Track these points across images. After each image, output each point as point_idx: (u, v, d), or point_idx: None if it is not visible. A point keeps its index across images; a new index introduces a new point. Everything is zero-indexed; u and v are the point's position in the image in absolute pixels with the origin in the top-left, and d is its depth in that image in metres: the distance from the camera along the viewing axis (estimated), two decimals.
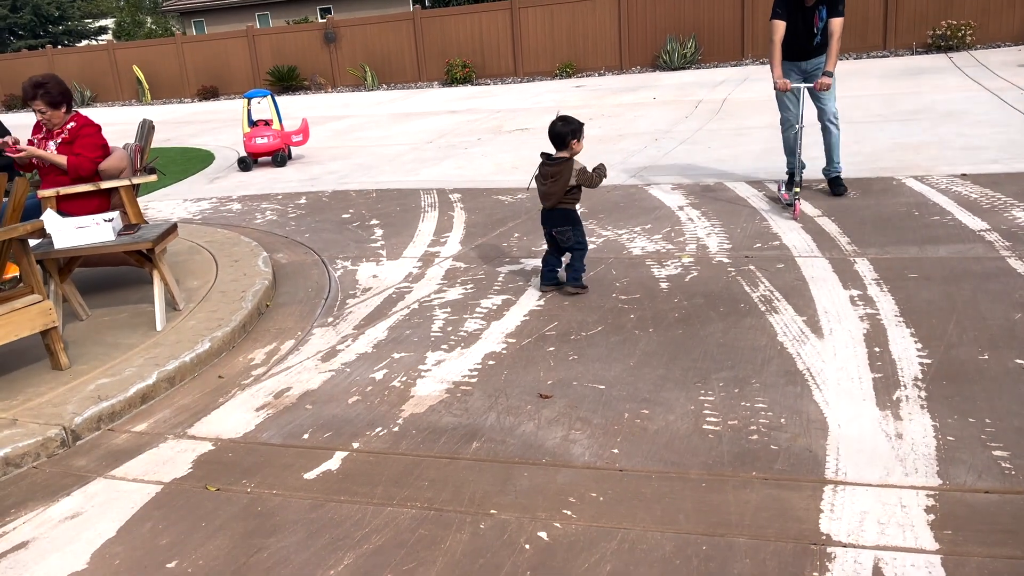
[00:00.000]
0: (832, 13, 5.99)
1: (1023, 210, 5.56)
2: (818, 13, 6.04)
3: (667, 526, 2.69)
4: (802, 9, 6.04)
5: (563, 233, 4.90)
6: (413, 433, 3.46)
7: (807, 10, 6.03)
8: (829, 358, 3.75)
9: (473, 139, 11.35)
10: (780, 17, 6.14)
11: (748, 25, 18.53)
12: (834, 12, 5.99)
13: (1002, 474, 2.78)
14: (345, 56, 22.39)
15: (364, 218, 7.29)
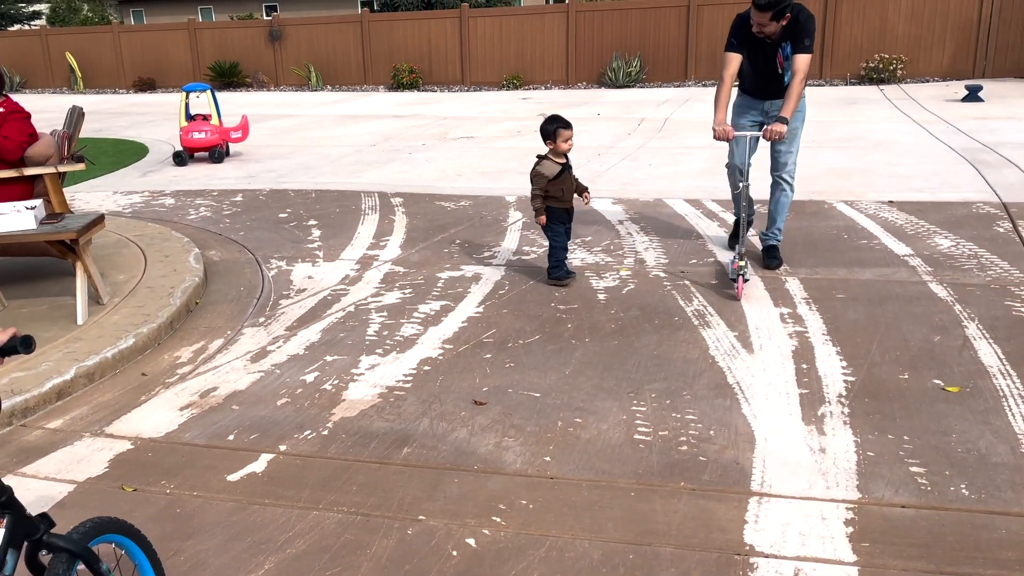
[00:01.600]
0: (798, 49, 4.91)
1: (945, 237, 5.78)
2: (781, 51, 5.03)
3: (595, 534, 2.69)
4: (762, 45, 5.02)
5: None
6: (343, 437, 3.40)
7: (768, 46, 5.02)
8: (758, 373, 3.83)
9: (418, 144, 11.30)
10: (734, 49, 5.05)
11: (692, 47, 18.90)
12: (800, 47, 4.91)
13: (918, 490, 2.87)
14: (290, 55, 22.08)
15: (302, 218, 7.18)
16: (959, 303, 4.56)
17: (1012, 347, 3.97)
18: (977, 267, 5.14)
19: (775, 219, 5.43)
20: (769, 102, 5.26)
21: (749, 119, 5.34)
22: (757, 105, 5.30)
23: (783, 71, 5.05)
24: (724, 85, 5.02)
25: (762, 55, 5.05)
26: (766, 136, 4.89)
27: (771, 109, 5.26)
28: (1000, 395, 3.51)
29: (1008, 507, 2.75)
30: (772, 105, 5.25)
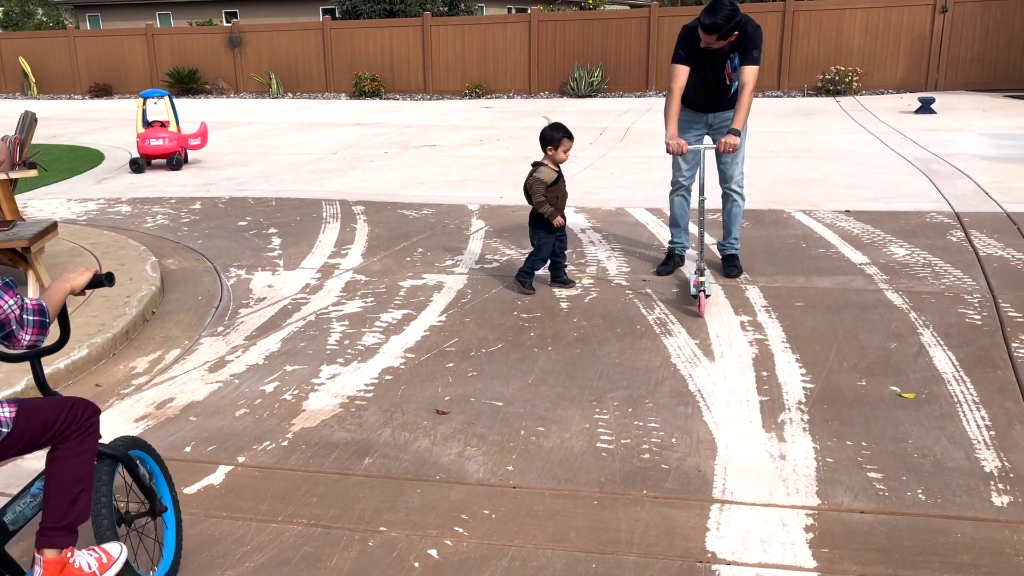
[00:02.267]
0: (746, 60, 4.85)
1: (900, 246, 5.90)
2: (729, 62, 4.95)
3: (558, 543, 2.68)
4: (710, 56, 4.93)
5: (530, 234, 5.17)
6: (303, 448, 3.35)
7: (716, 58, 4.93)
8: (719, 380, 3.86)
9: (380, 152, 11.24)
10: (682, 61, 4.97)
11: (653, 58, 19.11)
12: (748, 59, 4.85)
13: (876, 495, 2.91)
14: (250, 62, 21.86)
15: (262, 226, 7.09)
16: (914, 311, 4.65)
17: (965, 354, 4.05)
18: (931, 275, 5.25)
19: (730, 229, 5.45)
20: (713, 115, 5.22)
21: (694, 133, 5.26)
22: (701, 119, 5.24)
23: (730, 83, 5.01)
24: (674, 98, 4.98)
25: (710, 67, 4.99)
26: (720, 149, 4.84)
27: (715, 122, 5.23)
28: (955, 401, 3.58)
29: (963, 511, 2.79)
30: (716, 118, 5.21)
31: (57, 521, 2.07)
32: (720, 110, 5.19)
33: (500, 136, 12.64)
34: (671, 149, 4.89)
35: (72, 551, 2.10)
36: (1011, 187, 7.68)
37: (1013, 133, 11.24)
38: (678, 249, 5.59)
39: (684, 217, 5.55)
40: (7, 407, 2.02)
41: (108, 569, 2.14)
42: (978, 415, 3.45)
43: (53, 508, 2.07)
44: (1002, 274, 5.21)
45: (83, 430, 2.15)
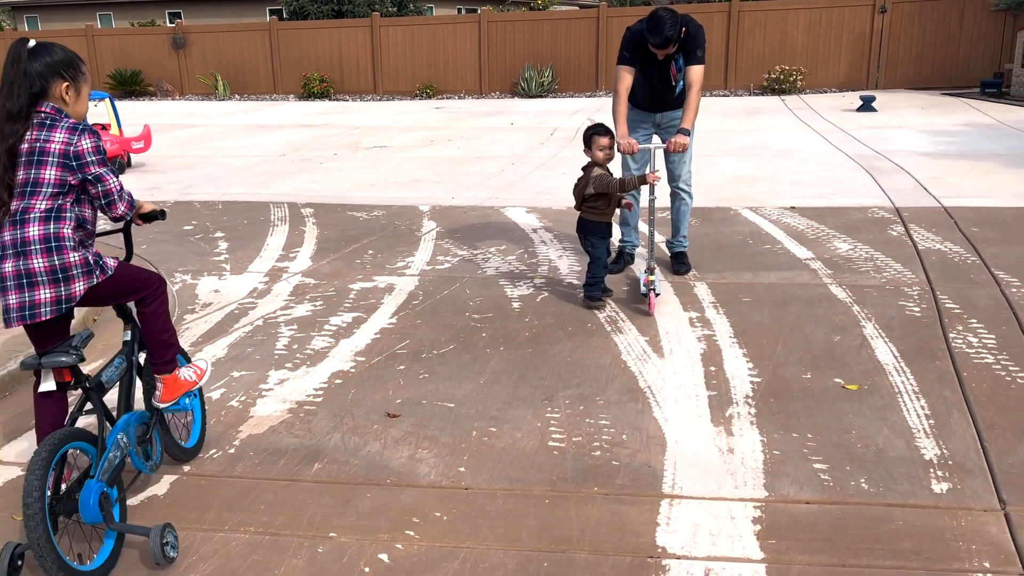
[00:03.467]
0: (690, 60, 4.89)
1: (843, 241, 6.03)
2: (674, 63, 4.98)
3: (510, 543, 2.68)
4: (655, 57, 4.95)
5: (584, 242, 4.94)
6: (251, 455, 3.30)
7: (661, 60, 4.96)
8: (669, 376, 3.89)
9: (329, 154, 11.13)
10: (626, 63, 5.02)
11: (603, 58, 19.25)
12: (692, 59, 4.88)
13: (821, 486, 2.96)
14: (195, 63, 21.48)
15: (208, 230, 6.96)
16: (857, 304, 4.75)
17: (906, 345, 4.15)
18: (873, 269, 5.37)
19: (679, 227, 5.49)
20: (660, 114, 5.25)
21: (642, 132, 5.27)
22: (648, 118, 5.26)
23: (676, 83, 5.05)
24: (620, 99, 5.02)
25: (655, 68, 5.01)
26: (671, 149, 4.86)
27: (663, 121, 5.26)
28: (896, 391, 3.67)
29: (904, 499, 2.86)
30: (664, 117, 5.25)
31: (161, 358, 2.94)
32: (668, 109, 5.22)
33: (451, 136, 12.61)
34: (622, 148, 4.86)
35: (178, 370, 3.01)
36: (948, 182, 7.91)
37: (950, 130, 11.58)
38: (628, 248, 5.59)
39: (634, 216, 5.55)
40: (111, 259, 2.74)
41: (203, 377, 3.12)
42: (918, 404, 3.54)
43: (155, 352, 2.93)
44: (940, 267, 5.36)
45: (158, 295, 2.89)
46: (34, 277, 2.54)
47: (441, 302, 5.02)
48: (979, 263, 5.41)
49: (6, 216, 2.54)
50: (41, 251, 2.54)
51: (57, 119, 2.60)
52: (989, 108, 13.98)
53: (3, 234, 2.55)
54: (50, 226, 2.56)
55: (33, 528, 2.30)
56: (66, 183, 2.59)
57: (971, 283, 5.04)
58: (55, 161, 2.56)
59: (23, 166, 2.56)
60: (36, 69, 2.58)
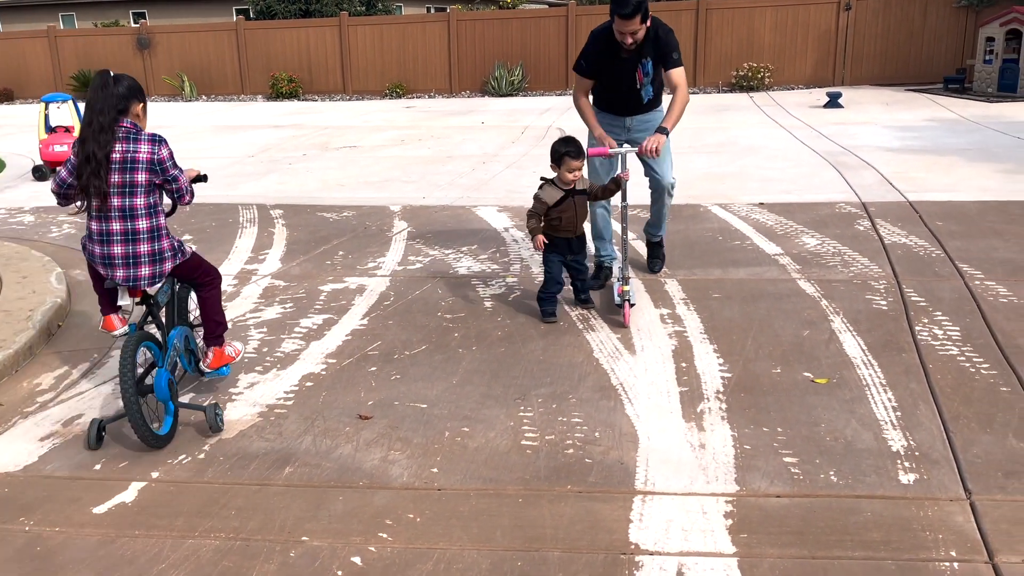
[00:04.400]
0: (668, 65, 4.76)
1: (811, 236, 6.09)
2: (641, 67, 4.77)
3: (484, 544, 2.68)
4: (618, 61, 4.75)
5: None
6: (221, 460, 3.26)
7: (626, 62, 4.74)
8: (641, 373, 3.91)
9: (298, 155, 11.04)
10: (583, 72, 4.90)
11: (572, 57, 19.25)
12: (670, 63, 4.75)
13: (792, 479, 2.99)
14: (161, 64, 21.20)
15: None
16: (825, 298, 4.80)
17: (873, 339, 4.21)
18: (841, 264, 5.44)
19: (659, 220, 5.37)
20: (631, 118, 5.04)
21: (613, 136, 5.01)
22: (619, 122, 5.07)
23: (642, 86, 4.87)
24: (584, 109, 4.93)
25: (620, 71, 4.80)
26: (645, 150, 4.63)
27: (634, 125, 5.05)
28: (863, 384, 3.72)
29: (873, 491, 2.90)
30: (634, 121, 5.05)
31: (212, 332, 3.72)
32: (638, 113, 5.04)
33: (422, 136, 12.57)
34: (593, 152, 4.66)
35: (225, 345, 3.76)
36: (913, 177, 8.02)
37: (914, 125, 11.75)
38: (606, 261, 5.30)
39: (608, 228, 5.28)
40: (189, 247, 3.55)
41: (239, 354, 3.92)
42: (885, 397, 3.59)
43: (209, 327, 3.72)
44: (905, 261, 5.44)
45: (215, 284, 3.68)
46: (139, 259, 3.32)
47: (413, 302, 5.00)
48: (943, 256, 5.50)
49: (103, 203, 3.22)
50: (147, 239, 3.31)
51: (137, 133, 3.28)
52: (952, 103, 14.21)
53: (112, 224, 3.27)
54: (152, 220, 3.32)
55: (128, 401, 3.16)
56: (153, 183, 3.32)
57: (936, 276, 5.12)
58: (144, 167, 3.26)
59: (117, 171, 3.23)
60: (120, 93, 3.27)
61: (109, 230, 3.27)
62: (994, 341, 4.12)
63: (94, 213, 3.27)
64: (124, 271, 3.32)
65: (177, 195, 3.45)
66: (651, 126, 4.96)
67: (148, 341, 3.40)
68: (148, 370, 3.42)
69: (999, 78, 14.94)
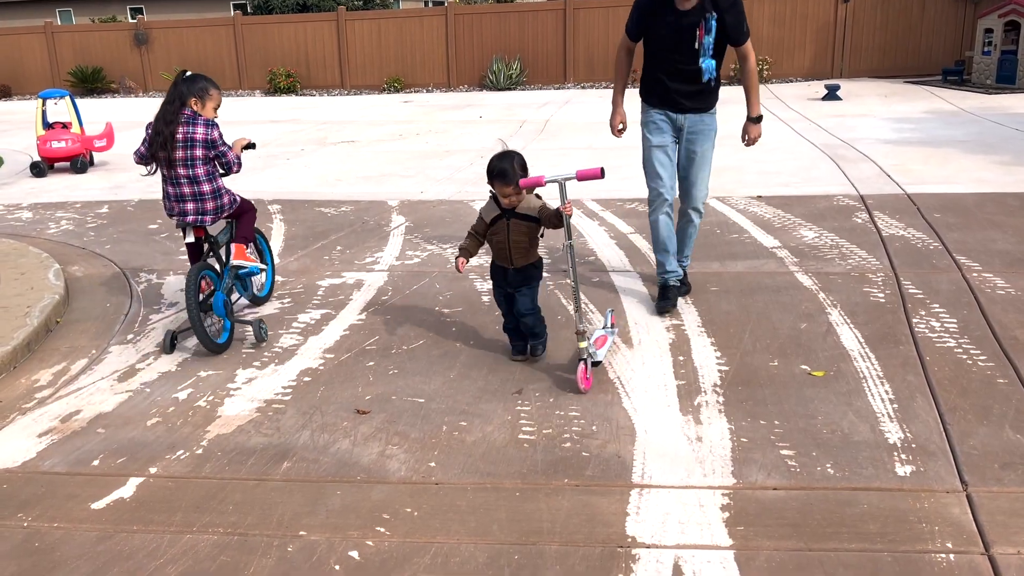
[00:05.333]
0: (740, 35, 4.21)
1: (809, 229, 6.09)
2: (704, 23, 4.08)
3: (481, 537, 2.68)
4: (675, 16, 4.09)
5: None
6: (218, 455, 3.26)
7: (683, 16, 4.09)
8: (638, 367, 3.91)
9: (296, 150, 11.03)
10: (630, 31, 4.35)
11: (570, 50, 19.26)
12: (741, 34, 4.20)
13: (788, 471, 3.00)
14: (158, 59, 21.16)
15: (173, 229, 6.86)
16: (823, 291, 4.81)
17: (870, 331, 4.21)
18: (839, 256, 5.43)
19: (683, 247, 4.73)
20: (685, 116, 4.38)
21: (669, 136, 4.44)
22: (670, 121, 4.43)
23: (702, 55, 4.18)
24: (619, 73, 4.45)
25: (678, 26, 4.10)
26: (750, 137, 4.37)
27: (687, 125, 4.42)
28: (861, 377, 3.72)
29: (869, 483, 2.90)
30: (688, 120, 4.40)
31: (241, 234, 4.51)
32: (693, 108, 4.34)
33: (420, 130, 12.55)
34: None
35: (245, 247, 4.49)
36: (911, 169, 8.02)
37: (912, 118, 11.74)
38: (670, 279, 4.59)
39: (671, 239, 4.59)
40: (239, 197, 4.53)
41: (256, 263, 4.59)
42: (882, 389, 3.59)
43: (240, 232, 4.51)
44: (903, 253, 5.44)
45: (253, 213, 4.62)
46: (205, 211, 4.30)
47: (411, 297, 5.00)
48: (941, 249, 5.50)
49: (171, 171, 4.22)
50: (211, 198, 4.30)
51: (195, 119, 4.22)
52: (950, 95, 14.19)
53: (183, 188, 4.24)
54: (213, 183, 4.29)
55: (192, 315, 4.07)
56: (208, 157, 4.25)
57: (933, 268, 5.12)
58: (200, 144, 4.21)
59: (180, 148, 4.18)
60: (183, 89, 4.24)
61: (181, 193, 4.25)
62: (991, 333, 4.12)
63: (167, 178, 4.25)
64: (193, 216, 4.28)
65: (226, 166, 4.34)
66: (708, 130, 4.44)
67: (208, 271, 4.30)
68: (208, 296, 4.27)
69: (998, 69, 14.92)
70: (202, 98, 4.27)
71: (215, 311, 4.25)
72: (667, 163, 4.51)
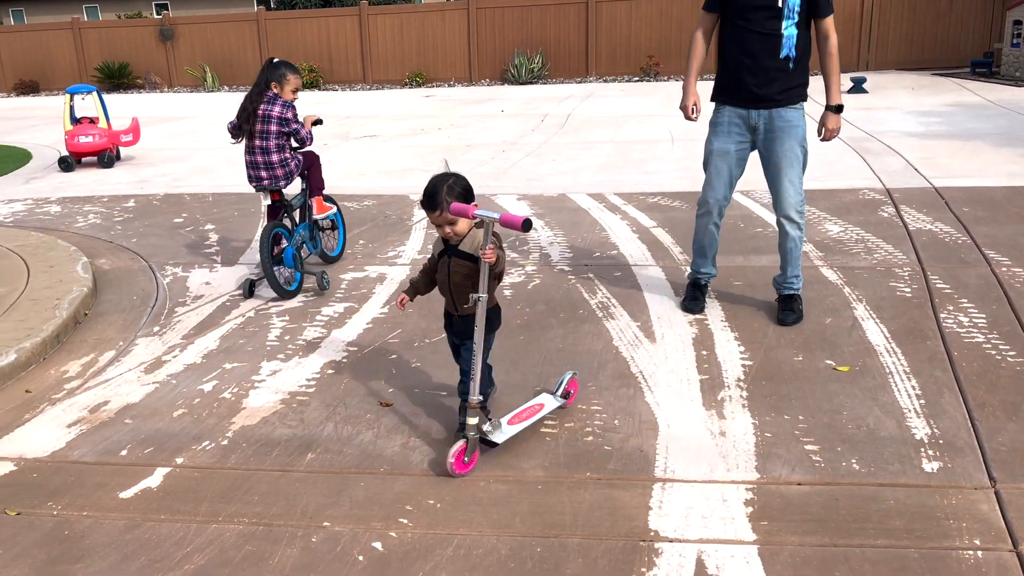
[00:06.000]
0: (824, 3, 3.90)
1: (834, 223, 6.03)
2: None
3: (503, 530, 2.69)
4: None
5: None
6: (243, 446, 3.29)
7: None
8: (661, 361, 3.90)
9: (319, 144, 11.08)
10: (709, 7, 4.06)
11: (592, 43, 19.18)
12: (825, 5, 3.90)
13: (813, 467, 2.98)
14: (183, 55, 21.34)
15: (199, 222, 6.93)
16: (848, 286, 4.76)
17: (897, 326, 4.16)
18: (864, 251, 5.38)
19: (786, 265, 4.29)
20: (757, 112, 4.00)
21: (735, 140, 4.10)
22: (741, 120, 4.07)
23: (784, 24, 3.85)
24: (696, 52, 4.14)
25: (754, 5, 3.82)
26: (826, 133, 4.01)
27: (761, 124, 4.04)
28: (887, 372, 3.68)
29: (895, 479, 2.88)
30: (763, 118, 4.01)
31: (314, 186, 5.26)
32: (771, 101, 3.94)
33: (441, 125, 12.57)
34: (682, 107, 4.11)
35: (321, 199, 5.32)
36: (939, 163, 7.91)
37: (940, 110, 11.58)
38: (703, 279, 4.54)
39: (712, 247, 4.45)
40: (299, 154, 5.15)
41: (332, 211, 5.46)
42: (909, 385, 3.55)
43: (313, 185, 5.29)
44: (931, 247, 5.37)
45: (317, 160, 5.31)
46: (276, 178, 4.98)
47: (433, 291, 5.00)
48: (970, 243, 5.42)
49: (252, 142, 4.93)
50: (279, 166, 4.97)
51: (275, 99, 4.91)
52: (979, 88, 13.98)
53: (257, 157, 4.94)
54: (282, 155, 4.96)
55: (265, 267, 4.81)
56: (281, 132, 4.92)
57: (962, 263, 5.05)
58: (275, 120, 4.89)
59: (258, 122, 4.89)
60: (266, 74, 4.93)
61: (256, 162, 4.95)
62: (1021, 328, 4.06)
63: (247, 148, 4.97)
64: (268, 182, 4.97)
65: (300, 141, 5.01)
66: (788, 127, 3.99)
67: (280, 228, 4.98)
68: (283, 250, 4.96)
69: None
70: (280, 82, 4.91)
71: (285, 263, 4.93)
72: (723, 171, 4.16)
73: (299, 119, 4.95)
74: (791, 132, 4.05)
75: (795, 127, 4.06)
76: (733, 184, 4.28)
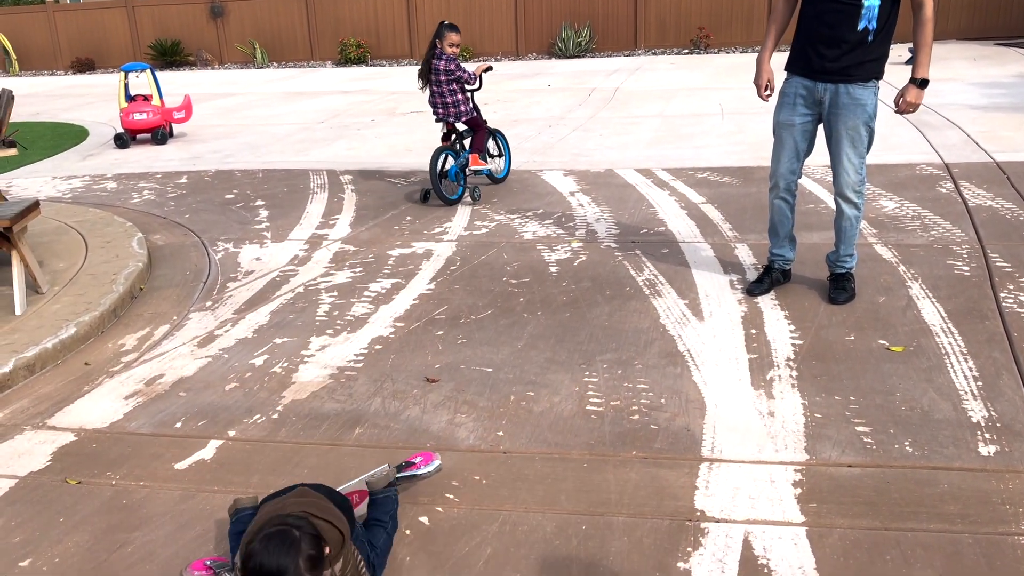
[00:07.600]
0: None
1: (889, 199, 5.88)
2: None
3: (548, 507, 2.70)
4: None
5: None
6: (293, 420, 3.36)
7: None
8: (708, 340, 3.86)
9: (367, 120, 11.13)
10: None
11: (641, 15, 18.86)
12: None
13: (864, 449, 2.93)
14: (233, 32, 21.55)
15: (249, 199, 7.04)
16: (903, 264, 4.64)
17: (954, 305, 4.05)
18: (920, 228, 5.23)
19: (840, 243, 4.23)
20: (824, 87, 3.84)
21: (800, 113, 3.96)
22: (808, 92, 3.93)
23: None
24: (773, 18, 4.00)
25: None
26: (901, 106, 3.80)
27: (827, 99, 3.88)
28: (943, 353, 3.59)
29: (950, 462, 2.81)
30: (828, 91, 3.86)
31: (475, 147, 6.58)
32: (839, 66, 3.75)
33: (488, 100, 12.50)
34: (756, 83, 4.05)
35: (478, 155, 6.56)
36: (1001, 136, 7.64)
37: (1003, 82, 11.16)
38: (779, 263, 4.35)
39: (785, 224, 4.32)
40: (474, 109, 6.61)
41: (486, 165, 6.68)
42: (966, 366, 3.46)
43: (475, 145, 6.59)
44: (991, 224, 5.20)
45: (485, 128, 6.67)
46: (449, 115, 6.41)
47: (479, 267, 5.02)
48: None
49: (430, 88, 6.39)
50: (451, 105, 6.39)
51: (441, 54, 6.28)
52: None
53: (436, 99, 6.40)
54: (454, 97, 6.36)
55: (433, 180, 6.24)
56: (449, 79, 6.29)
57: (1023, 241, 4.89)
58: (442, 71, 6.29)
59: (432, 72, 6.32)
60: (435, 35, 6.29)
61: (435, 101, 6.44)
62: None
63: (431, 92, 6.40)
64: (442, 114, 6.43)
65: (467, 83, 6.37)
66: (854, 105, 3.83)
67: (447, 150, 6.39)
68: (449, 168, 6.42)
69: None
70: (441, 40, 6.26)
71: (449, 177, 6.38)
72: (788, 143, 4.05)
73: (460, 66, 6.31)
74: (856, 111, 3.89)
75: (861, 106, 3.88)
76: (801, 158, 4.15)
